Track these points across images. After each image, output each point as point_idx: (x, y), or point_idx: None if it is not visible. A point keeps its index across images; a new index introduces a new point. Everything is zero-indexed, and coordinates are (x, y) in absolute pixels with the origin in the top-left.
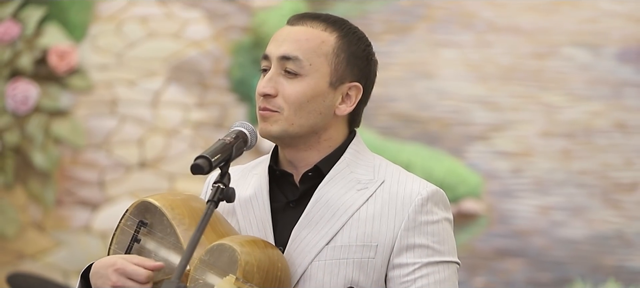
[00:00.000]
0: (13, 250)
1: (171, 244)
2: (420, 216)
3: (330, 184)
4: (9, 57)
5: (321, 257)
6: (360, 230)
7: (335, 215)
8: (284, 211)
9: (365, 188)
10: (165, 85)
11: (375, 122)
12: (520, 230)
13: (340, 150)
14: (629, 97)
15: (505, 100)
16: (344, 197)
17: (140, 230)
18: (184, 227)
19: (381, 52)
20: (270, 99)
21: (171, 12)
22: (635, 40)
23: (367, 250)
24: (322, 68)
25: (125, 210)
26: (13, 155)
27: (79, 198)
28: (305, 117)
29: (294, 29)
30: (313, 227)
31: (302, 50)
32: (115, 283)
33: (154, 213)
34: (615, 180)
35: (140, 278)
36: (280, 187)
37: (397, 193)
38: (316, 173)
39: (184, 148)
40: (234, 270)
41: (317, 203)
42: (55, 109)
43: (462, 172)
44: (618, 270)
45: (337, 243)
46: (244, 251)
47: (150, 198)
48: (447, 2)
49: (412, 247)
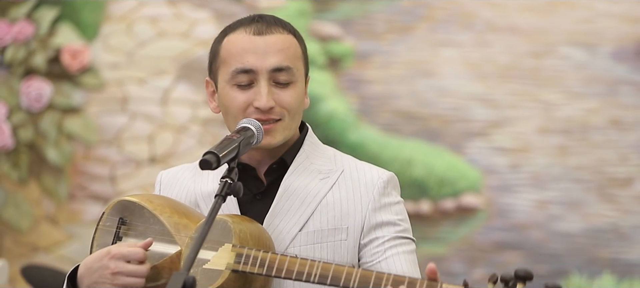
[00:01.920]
0: (27, 242)
1: (157, 232)
2: (384, 198)
3: (295, 174)
4: (24, 55)
5: (296, 243)
6: (330, 215)
7: (304, 203)
8: (252, 203)
9: (327, 177)
10: (175, 83)
11: (377, 119)
12: (519, 224)
13: (299, 142)
14: (624, 94)
15: (504, 97)
16: (309, 186)
17: (121, 228)
18: (166, 214)
19: (383, 51)
20: (271, 110)
21: (180, 12)
22: (629, 40)
23: (339, 233)
24: (301, 70)
25: (102, 213)
26: (27, 150)
27: (91, 192)
28: (297, 120)
29: (269, 38)
30: (284, 215)
31: (289, 59)
32: (114, 270)
33: (132, 210)
34: (610, 175)
35: (139, 257)
36: (243, 181)
37: (358, 179)
38: (280, 165)
39: (193, 144)
40: (229, 238)
41: (285, 193)
42: (68, 106)
43: (462, 167)
44: (613, 263)
45: (310, 229)
46: (235, 220)
47: (126, 197)
48: (447, 3)
49: (380, 224)
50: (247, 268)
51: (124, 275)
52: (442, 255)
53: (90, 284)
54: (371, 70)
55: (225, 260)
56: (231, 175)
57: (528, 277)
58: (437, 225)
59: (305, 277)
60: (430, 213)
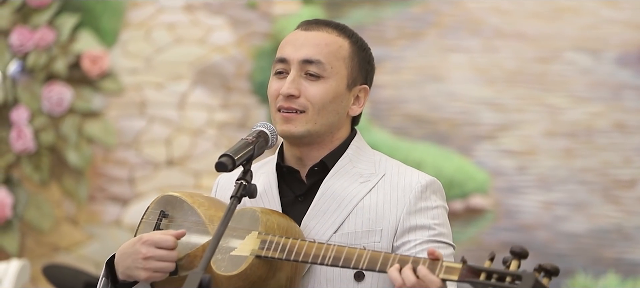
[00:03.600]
0: (49, 243)
1: (193, 223)
2: (420, 202)
3: (335, 177)
4: (45, 61)
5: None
6: (365, 218)
7: (341, 206)
8: (293, 205)
9: (367, 180)
10: (191, 88)
11: (388, 123)
12: (525, 224)
13: (344, 146)
14: (628, 99)
15: (511, 102)
16: (348, 189)
17: (162, 220)
18: (204, 207)
19: (394, 57)
20: (294, 99)
21: (197, 19)
22: (633, 45)
23: (373, 235)
24: (341, 71)
25: (147, 207)
26: (49, 153)
27: (110, 194)
28: (326, 117)
29: (311, 33)
30: (321, 217)
31: (323, 54)
32: (145, 254)
33: (174, 204)
34: (615, 177)
35: (169, 244)
36: (288, 183)
37: (397, 183)
38: (321, 168)
39: (209, 147)
40: (256, 226)
41: (323, 195)
42: (88, 110)
43: (470, 170)
44: (617, 262)
45: (345, 231)
46: (264, 211)
47: (169, 192)
48: (456, 10)
49: (414, 228)
50: (270, 254)
51: (155, 259)
52: None
53: (124, 269)
54: (382, 75)
55: (250, 247)
56: (246, 177)
57: (523, 254)
58: None
59: (320, 260)
60: None
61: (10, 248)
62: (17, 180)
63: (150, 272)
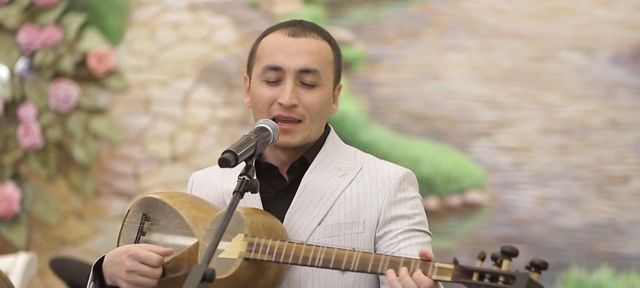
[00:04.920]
0: (55, 236)
1: (176, 226)
2: (399, 193)
3: (315, 172)
4: (52, 59)
5: (315, 236)
6: (347, 210)
7: (323, 198)
8: (275, 200)
9: (346, 174)
10: (195, 85)
11: (387, 120)
12: (521, 219)
13: (320, 142)
14: (621, 97)
15: (507, 99)
16: (328, 182)
17: (144, 223)
18: (186, 209)
19: (393, 56)
20: (294, 109)
21: (200, 18)
22: (626, 45)
23: (356, 226)
24: (330, 76)
25: (127, 210)
26: (55, 149)
27: (116, 189)
28: (319, 122)
29: (301, 41)
30: (304, 210)
31: (317, 62)
32: (129, 268)
33: (154, 206)
34: (608, 173)
35: (153, 262)
36: (267, 180)
37: (376, 175)
38: (301, 163)
39: (212, 143)
40: (241, 229)
41: (305, 189)
42: (94, 107)
43: (467, 166)
44: (611, 256)
45: (328, 223)
46: (248, 212)
47: (149, 194)
48: (453, 10)
49: (395, 218)
50: (258, 256)
51: (138, 274)
52: (448, 248)
53: (110, 275)
54: (381, 73)
55: (238, 249)
56: (248, 173)
57: (513, 253)
58: (443, 220)
59: (310, 262)
60: (437, 209)
61: (18, 242)
62: (24, 176)
63: (131, 285)
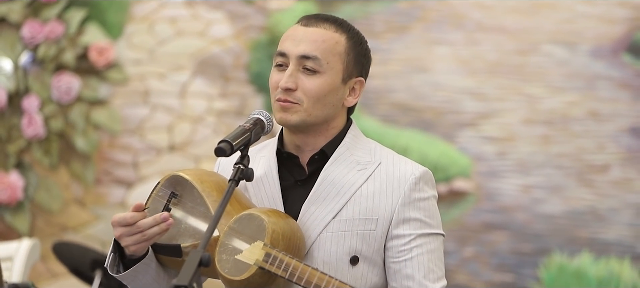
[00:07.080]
0: (57, 223)
1: (201, 213)
2: (414, 193)
3: (335, 165)
4: (54, 53)
5: (329, 229)
6: (362, 206)
7: (340, 193)
8: (293, 189)
9: (364, 168)
10: (192, 78)
11: (376, 111)
12: (505, 206)
13: (341, 135)
14: (601, 89)
15: (492, 91)
16: (347, 177)
17: (171, 200)
18: (212, 198)
19: (382, 49)
20: (291, 92)
21: (197, 13)
22: (607, 39)
23: (369, 223)
24: (336, 66)
25: (157, 182)
26: (58, 139)
27: (116, 177)
28: (321, 109)
29: (309, 30)
30: (321, 202)
31: (320, 50)
32: (118, 236)
33: (184, 186)
34: (589, 162)
35: (127, 221)
36: (287, 168)
37: (393, 173)
38: (321, 156)
39: (208, 133)
40: (262, 236)
41: (323, 182)
42: (95, 98)
43: (454, 155)
44: (591, 242)
45: (343, 217)
46: (271, 220)
47: (181, 173)
48: (440, 5)
49: (408, 220)
50: (273, 269)
51: (125, 236)
52: None
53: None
54: (371, 66)
55: (255, 256)
56: (244, 162)
57: None
58: None
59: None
60: None
61: (21, 228)
62: (28, 165)
63: (133, 249)
